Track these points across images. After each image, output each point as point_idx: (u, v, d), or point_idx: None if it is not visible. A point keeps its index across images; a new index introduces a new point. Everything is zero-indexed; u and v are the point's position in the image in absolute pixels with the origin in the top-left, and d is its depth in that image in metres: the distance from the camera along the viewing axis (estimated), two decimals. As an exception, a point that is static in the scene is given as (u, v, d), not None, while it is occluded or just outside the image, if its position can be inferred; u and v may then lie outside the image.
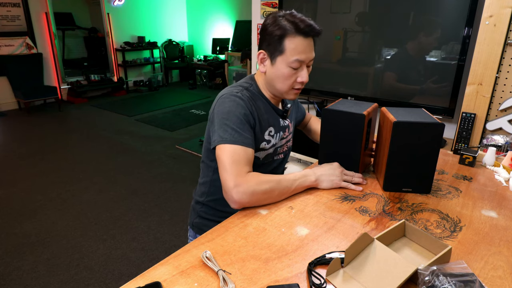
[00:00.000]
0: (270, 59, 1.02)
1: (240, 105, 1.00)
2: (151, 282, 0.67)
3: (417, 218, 0.91)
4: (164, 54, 7.51)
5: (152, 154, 3.81)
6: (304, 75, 1.02)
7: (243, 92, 1.04)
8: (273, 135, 1.11)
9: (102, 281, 1.94)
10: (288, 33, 0.96)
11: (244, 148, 0.95)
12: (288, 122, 1.19)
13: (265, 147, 1.09)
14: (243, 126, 0.98)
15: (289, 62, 0.99)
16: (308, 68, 1.04)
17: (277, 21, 0.98)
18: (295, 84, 1.04)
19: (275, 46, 0.99)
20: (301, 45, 0.98)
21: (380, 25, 1.98)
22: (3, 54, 5.20)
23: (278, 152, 1.18)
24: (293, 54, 0.98)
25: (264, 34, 1.01)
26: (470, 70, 1.43)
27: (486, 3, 1.34)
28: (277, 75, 1.02)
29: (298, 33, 0.96)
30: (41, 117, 5.18)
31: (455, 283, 0.59)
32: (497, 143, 1.37)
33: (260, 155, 1.10)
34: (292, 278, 0.69)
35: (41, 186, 3.04)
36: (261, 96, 1.09)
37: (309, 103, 2.45)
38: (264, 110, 1.08)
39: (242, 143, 0.95)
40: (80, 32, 7.77)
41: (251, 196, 0.90)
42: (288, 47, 0.97)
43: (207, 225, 1.14)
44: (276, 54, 1.00)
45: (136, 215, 2.59)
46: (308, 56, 1.00)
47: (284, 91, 1.05)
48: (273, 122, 1.11)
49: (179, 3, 7.81)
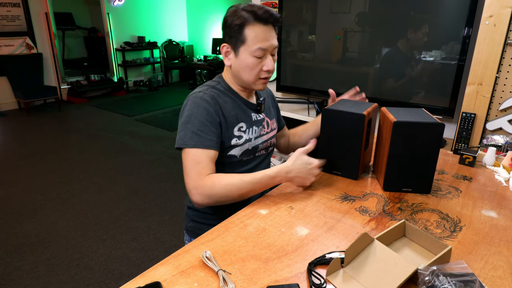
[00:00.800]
0: (233, 51, 1.02)
1: (201, 106, 1.00)
2: (151, 282, 0.67)
3: (417, 218, 0.91)
4: (164, 54, 7.51)
5: (152, 154, 3.80)
6: (269, 63, 1.01)
7: (207, 91, 1.04)
8: (244, 130, 1.09)
9: (102, 281, 1.94)
10: (247, 21, 0.96)
11: (205, 151, 0.97)
12: (264, 116, 1.17)
13: (238, 143, 1.07)
14: (204, 128, 0.98)
15: (252, 51, 0.98)
16: (273, 56, 1.03)
17: (236, 13, 0.98)
18: (261, 73, 1.03)
19: (236, 37, 0.98)
20: (262, 33, 0.97)
21: (380, 25, 1.98)
22: (3, 54, 5.21)
23: (260, 148, 1.16)
24: (255, 42, 0.97)
25: (225, 27, 1.01)
26: (470, 70, 1.43)
27: (486, 3, 1.34)
28: (242, 66, 1.02)
29: (257, 21, 0.97)
30: (41, 117, 5.18)
31: (455, 283, 0.59)
32: (497, 143, 1.37)
33: (236, 152, 1.08)
34: (292, 278, 0.69)
35: (41, 186, 3.04)
36: (229, 92, 1.09)
37: (309, 103, 2.45)
38: (233, 107, 1.07)
39: (202, 145, 0.97)
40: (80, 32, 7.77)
41: (208, 198, 0.95)
42: (249, 36, 0.97)
43: (201, 229, 1.14)
44: (238, 45, 0.99)
45: (136, 215, 2.59)
46: (271, 44, 1.00)
47: (251, 81, 1.04)
48: (243, 118, 1.09)
49: (179, 3, 7.81)
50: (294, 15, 2.30)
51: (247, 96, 1.13)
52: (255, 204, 0.98)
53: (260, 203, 0.98)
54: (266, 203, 0.98)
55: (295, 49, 2.38)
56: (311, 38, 2.30)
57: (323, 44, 2.24)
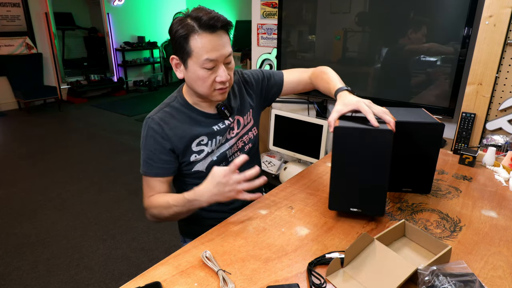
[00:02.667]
0: (183, 64, 0.95)
1: (149, 136, 1.00)
2: (151, 282, 0.67)
3: (417, 218, 0.91)
4: (164, 54, 7.51)
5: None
6: (222, 73, 0.93)
7: (157, 115, 1.00)
8: (206, 143, 1.04)
9: (102, 281, 1.94)
10: (191, 31, 0.88)
11: (152, 179, 1.02)
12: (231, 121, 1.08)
13: (197, 158, 1.03)
14: (153, 156, 1.00)
15: (200, 63, 0.90)
16: (227, 65, 0.96)
17: (182, 21, 0.90)
18: (215, 85, 0.95)
19: (183, 49, 0.91)
20: (209, 42, 0.89)
21: (380, 25, 1.98)
22: (3, 54, 5.20)
23: (229, 154, 1.10)
24: (201, 54, 0.89)
25: (171, 38, 0.93)
26: (470, 70, 1.43)
27: (486, 3, 1.34)
28: (193, 79, 0.95)
29: (203, 29, 0.88)
30: (41, 117, 5.18)
31: (455, 283, 0.59)
32: (497, 143, 1.37)
33: (200, 167, 1.05)
34: (292, 278, 0.69)
35: (41, 186, 3.04)
36: (186, 108, 1.03)
37: (309, 103, 2.45)
38: (189, 123, 1.02)
39: (151, 173, 1.02)
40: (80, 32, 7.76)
41: (150, 217, 1.03)
42: (194, 47, 0.89)
43: (193, 228, 1.16)
44: (185, 58, 0.92)
45: (136, 215, 2.59)
46: (220, 54, 0.91)
47: (207, 93, 0.97)
48: (203, 131, 1.03)
49: (179, 3, 7.81)
50: (294, 15, 2.30)
51: (208, 107, 1.05)
52: (255, 204, 0.98)
53: (260, 203, 0.98)
54: (266, 203, 0.98)
55: (295, 49, 2.38)
56: (311, 38, 2.30)
57: (323, 44, 2.24)
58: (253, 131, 1.17)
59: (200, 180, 1.01)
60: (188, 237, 1.20)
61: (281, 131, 2.50)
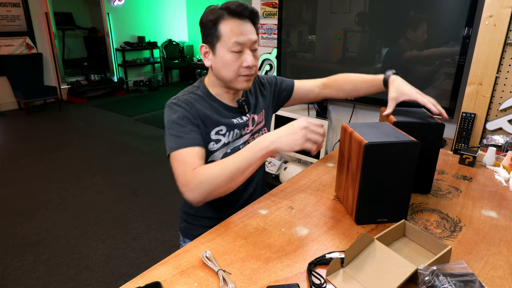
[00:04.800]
0: (211, 51, 0.99)
1: (175, 110, 0.99)
2: (151, 282, 0.67)
3: (417, 218, 0.91)
4: (164, 54, 7.51)
5: (152, 154, 3.81)
6: (248, 58, 0.97)
7: (182, 97, 1.02)
8: (224, 133, 1.05)
9: (102, 281, 1.94)
10: (221, 17, 0.94)
11: (189, 149, 0.93)
12: (248, 117, 1.11)
13: (214, 147, 1.04)
14: (183, 129, 0.96)
15: (229, 46, 0.95)
16: (253, 52, 0.99)
17: (209, 12, 0.97)
18: (241, 70, 0.98)
19: (212, 34, 0.96)
20: (237, 27, 0.95)
21: (380, 25, 1.98)
22: (3, 54, 5.20)
23: (241, 149, 1.11)
24: (230, 37, 0.94)
25: (201, 27, 0.99)
26: (470, 70, 1.43)
27: (486, 3, 1.34)
28: (221, 64, 0.98)
29: (231, 15, 0.94)
30: (41, 117, 5.18)
31: (455, 283, 0.59)
32: (497, 143, 1.37)
33: (215, 158, 1.05)
34: (292, 278, 0.69)
35: (41, 186, 3.04)
36: (208, 98, 1.05)
37: (309, 103, 2.45)
38: (211, 111, 1.03)
39: (184, 145, 0.93)
40: (80, 32, 7.77)
41: (199, 192, 0.87)
42: (224, 31, 0.94)
43: (194, 229, 1.16)
44: (214, 42, 0.97)
45: (136, 215, 2.59)
46: (248, 38, 0.96)
47: (232, 79, 0.99)
48: (223, 121, 1.05)
49: (179, 3, 7.81)
50: (294, 15, 2.30)
51: (229, 100, 1.08)
52: (255, 204, 0.98)
53: (260, 203, 0.98)
54: (266, 203, 0.98)
55: (295, 49, 2.38)
56: (311, 38, 2.30)
57: (323, 44, 2.24)
58: (263, 131, 1.19)
59: None
60: (188, 237, 1.20)
61: (281, 131, 2.49)
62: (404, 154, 0.81)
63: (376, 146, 0.79)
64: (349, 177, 0.90)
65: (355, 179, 0.85)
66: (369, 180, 0.83)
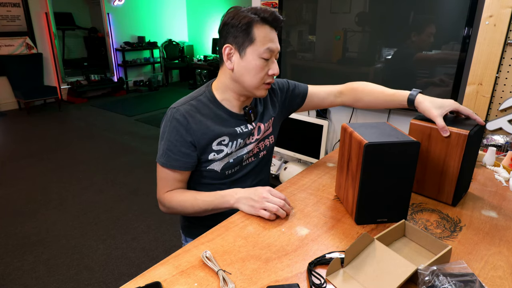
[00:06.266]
0: (238, 53, 0.95)
1: (172, 126, 0.98)
2: (151, 282, 0.67)
3: (417, 218, 0.91)
4: (164, 54, 7.51)
5: (152, 154, 3.80)
6: (275, 67, 0.97)
7: (182, 107, 0.99)
8: (226, 143, 1.03)
9: (102, 281, 1.94)
10: (255, 21, 0.92)
11: (173, 172, 1.02)
12: (254, 126, 1.09)
13: (215, 157, 1.03)
14: (173, 148, 0.99)
15: (260, 52, 0.93)
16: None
17: (239, 13, 0.93)
18: (266, 78, 0.98)
19: (244, 36, 0.93)
20: (270, 34, 0.94)
21: (380, 25, 1.98)
22: (3, 54, 5.20)
23: (245, 158, 1.09)
24: (264, 42, 0.93)
25: (228, 28, 0.95)
26: (470, 70, 1.43)
27: (486, 3, 1.34)
28: (248, 69, 0.95)
29: (265, 22, 0.93)
30: (41, 117, 5.18)
31: (455, 283, 0.59)
32: (497, 143, 1.37)
33: (216, 167, 1.05)
34: (292, 278, 0.69)
35: (41, 186, 3.04)
36: (212, 103, 1.03)
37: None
38: (213, 120, 1.01)
39: (168, 165, 1.01)
40: (80, 32, 7.77)
41: (168, 210, 1.06)
42: (258, 35, 0.93)
43: (196, 228, 1.16)
44: (245, 45, 0.94)
45: (136, 215, 2.59)
46: (277, 47, 0.97)
47: (255, 86, 0.98)
48: (226, 131, 1.03)
49: (179, 3, 7.81)
50: (294, 15, 2.30)
51: (236, 107, 1.05)
52: (255, 204, 0.98)
53: (260, 203, 0.98)
54: (266, 203, 0.98)
55: (295, 49, 2.38)
56: (311, 38, 2.30)
57: (323, 44, 2.25)
58: (270, 138, 1.18)
59: (213, 180, 1.06)
60: (190, 236, 1.20)
61: (281, 131, 2.49)
62: (404, 154, 0.81)
63: (376, 146, 0.80)
64: (349, 177, 0.90)
65: (355, 179, 0.85)
66: (369, 180, 0.83)
